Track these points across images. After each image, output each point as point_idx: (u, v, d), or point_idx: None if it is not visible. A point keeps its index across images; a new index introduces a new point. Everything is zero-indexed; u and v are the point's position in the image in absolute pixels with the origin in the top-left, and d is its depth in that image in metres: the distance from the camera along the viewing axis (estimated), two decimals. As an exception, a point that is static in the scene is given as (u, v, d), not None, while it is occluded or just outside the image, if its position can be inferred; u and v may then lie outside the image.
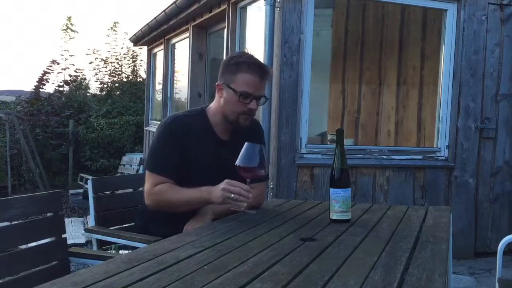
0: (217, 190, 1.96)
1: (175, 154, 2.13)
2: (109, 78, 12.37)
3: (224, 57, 5.56)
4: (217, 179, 2.07)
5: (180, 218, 2.08)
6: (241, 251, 1.47)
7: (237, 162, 1.92)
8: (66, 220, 5.54)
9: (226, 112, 2.16)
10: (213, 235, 1.67)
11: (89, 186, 2.50)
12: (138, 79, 12.38)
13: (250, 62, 2.11)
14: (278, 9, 4.22)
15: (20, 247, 1.93)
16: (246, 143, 1.95)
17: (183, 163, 2.14)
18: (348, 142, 5.82)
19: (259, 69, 2.10)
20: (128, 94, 11.75)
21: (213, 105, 2.24)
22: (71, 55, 12.08)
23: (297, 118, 4.24)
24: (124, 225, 2.56)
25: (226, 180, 1.95)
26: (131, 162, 8.70)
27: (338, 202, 1.90)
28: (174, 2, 6.43)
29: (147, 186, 2.14)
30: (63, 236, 2.06)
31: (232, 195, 1.92)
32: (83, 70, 12.60)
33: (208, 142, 2.18)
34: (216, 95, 2.21)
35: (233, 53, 4.97)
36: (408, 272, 1.29)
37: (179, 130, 2.14)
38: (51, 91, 11.71)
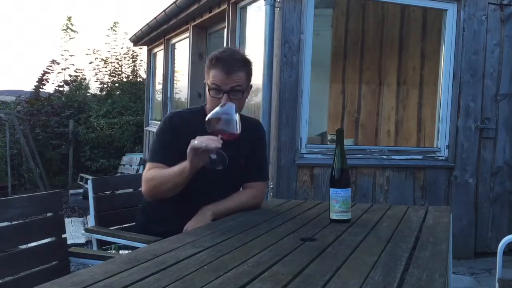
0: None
1: (172, 146, 2.14)
2: (109, 78, 12.37)
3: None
4: (214, 176, 2.07)
5: (180, 216, 2.09)
6: (241, 251, 1.47)
7: (207, 116, 1.92)
8: (66, 220, 5.54)
9: (209, 108, 2.17)
10: (213, 235, 1.67)
11: (89, 186, 2.50)
12: (138, 79, 12.37)
13: (217, 56, 2.10)
14: (278, 9, 4.22)
15: (20, 247, 1.93)
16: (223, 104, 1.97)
17: (181, 158, 2.14)
18: (348, 142, 5.81)
19: (223, 63, 2.08)
20: (128, 94, 11.74)
21: None
22: (71, 55, 12.08)
23: (297, 118, 4.24)
24: (124, 225, 2.56)
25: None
26: (131, 162, 8.69)
27: (338, 202, 1.90)
28: (174, 2, 6.43)
29: (143, 174, 2.15)
30: (63, 236, 2.06)
31: (202, 145, 1.86)
32: (83, 70, 12.59)
33: None
34: None
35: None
36: (408, 272, 1.29)
37: (178, 123, 2.17)
38: (51, 91, 11.70)
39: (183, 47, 7.64)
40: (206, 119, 1.92)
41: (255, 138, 2.30)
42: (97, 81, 12.44)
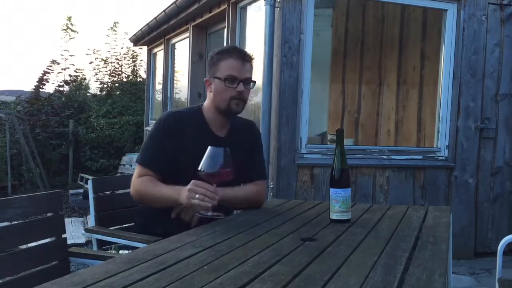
0: (184, 191, 1.93)
1: (166, 148, 2.14)
2: (109, 78, 12.37)
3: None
4: None
5: (179, 217, 2.09)
6: (241, 251, 1.47)
7: (199, 167, 1.89)
8: (66, 220, 5.54)
9: (217, 103, 2.18)
10: (213, 235, 1.67)
11: (89, 186, 2.50)
12: (138, 79, 12.38)
13: (229, 49, 2.20)
14: (278, 9, 4.22)
15: (20, 247, 1.93)
16: (209, 147, 1.92)
17: (178, 158, 2.14)
18: (348, 142, 5.81)
19: (238, 52, 2.17)
20: (128, 94, 11.74)
21: (206, 102, 2.26)
22: (71, 55, 12.09)
23: (297, 118, 4.23)
24: (124, 225, 2.56)
25: (192, 181, 1.92)
26: (131, 162, 8.70)
27: (338, 202, 1.90)
28: (174, 2, 6.43)
29: (133, 176, 2.17)
30: (63, 236, 2.06)
31: (197, 196, 1.89)
32: (83, 70, 12.62)
33: (204, 139, 2.19)
34: (207, 92, 2.25)
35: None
36: (408, 272, 1.29)
37: (174, 125, 2.16)
38: (51, 91, 11.72)
39: (183, 47, 7.64)
40: (199, 169, 1.89)
41: (251, 139, 2.31)
42: (97, 81, 12.47)
